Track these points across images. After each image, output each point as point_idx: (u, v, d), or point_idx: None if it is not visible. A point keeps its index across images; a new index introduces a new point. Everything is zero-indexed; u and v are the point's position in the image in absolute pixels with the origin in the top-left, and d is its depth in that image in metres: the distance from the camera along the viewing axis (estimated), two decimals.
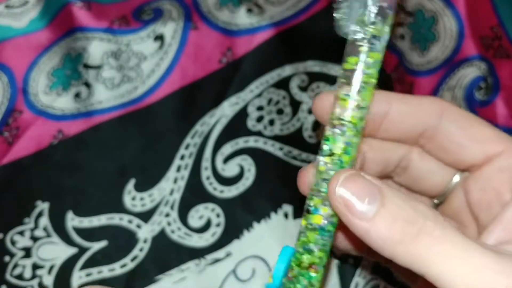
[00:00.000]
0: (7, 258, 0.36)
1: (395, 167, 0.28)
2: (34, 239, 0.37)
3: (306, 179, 0.27)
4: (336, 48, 0.44)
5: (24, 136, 0.39)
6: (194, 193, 0.39)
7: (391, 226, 0.22)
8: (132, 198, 0.39)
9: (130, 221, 0.38)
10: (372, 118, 0.26)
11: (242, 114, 0.41)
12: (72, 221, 0.38)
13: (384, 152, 0.28)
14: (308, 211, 0.24)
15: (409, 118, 0.26)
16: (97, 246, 0.37)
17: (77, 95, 0.41)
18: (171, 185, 0.39)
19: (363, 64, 0.23)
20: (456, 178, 0.28)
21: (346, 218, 0.22)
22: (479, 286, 0.21)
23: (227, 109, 0.42)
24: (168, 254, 0.37)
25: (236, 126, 0.41)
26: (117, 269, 0.36)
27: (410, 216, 0.22)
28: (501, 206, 0.25)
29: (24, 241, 0.37)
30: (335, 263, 0.36)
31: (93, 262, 0.36)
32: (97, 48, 0.41)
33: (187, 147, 0.40)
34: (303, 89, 0.43)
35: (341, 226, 0.24)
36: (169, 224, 0.38)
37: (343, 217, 0.22)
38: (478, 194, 0.26)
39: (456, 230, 0.22)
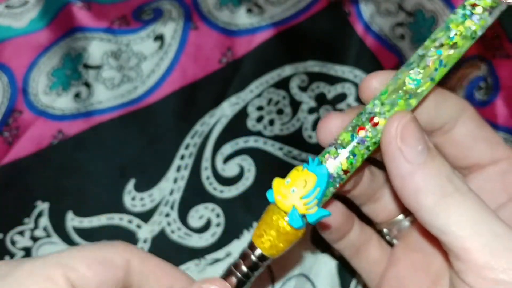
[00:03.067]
0: (7, 258, 0.36)
1: None
2: (34, 239, 0.37)
3: (332, 126, 0.26)
4: (336, 48, 0.44)
5: (24, 136, 0.39)
6: (194, 193, 0.39)
7: (433, 177, 0.22)
8: (132, 198, 0.39)
9: (130, 221, 0.38)
10: None
11: (242, 114, 0.41)
12: (72, 221, 0.38)
13: None
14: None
15: (436, 110, 0.27)
16: None
17: (77, 95, 0.41)
18: (171, 185, 0.39)
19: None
20: None
21: (393, 155, 0.23)
22: (496, 250, 0.21)
23: (227, 109, 0.42)
24: (168, 254, 0.37)
25: (236, 126, 0.41)
26: None
27: (450, 175, 0.23)
28: (496, 207, 0.26)
29: (24, 241, 0.37)
30: (335, 263, 0.36)
31: None
32: (97, 48, 0.41)
33: (187, 147, 0.40)
34: (303, 89, 0.43)
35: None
36: (169, 224, 0.38)
37: (389, 152, 0.23)
38: (478, 193, 0.26)
39: (485, 203, 0.23)
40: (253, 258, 0.24)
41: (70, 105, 0.40)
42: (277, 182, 0.24)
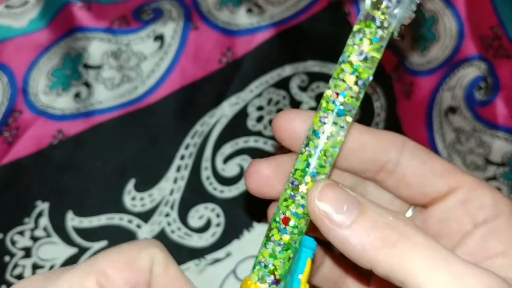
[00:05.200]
0: (7, 258, 0.36)
1: None
2: (34, 239, 0.37)
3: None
4: (336, 48, 0.44)
5: (24, 136, 0.39)
6: (194, 193, 0.39)
7: (371, 231, 0.21)
8: (132, 198, 0.39)
9: (130, 221, 0.38)
10: None
11: (242, 114, 0.41)
12: (72, 221, 0.38)
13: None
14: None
15: (370, 148, 0.26)
16: (97, 246, 0.37)
17: (77, 95, 0.41)
18: (171, 185, 0.39)
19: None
20: (409, 213, 0.27)
21: (325, 227, 0.22)
22: None
23: (227, 109, 0.42)
24: None
25: (236, 126, 0.41)
26: None
27: (390, 222, 0.22)
28: (462, 236, 0.25)
29: (24, 241, 0.37)
30: None
31: None
32: (97, 48, 0.41)
33: (187, 147, 0.40)
34: (303, 89, 0.43)
35: None
36: (169, 224, 0.38)
37: (321, 226, 0.22)
38: (437, 226, 0.26)
39: (436, 240, 0.22)
40: None
41: (70, 105, 0.40)
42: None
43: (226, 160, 0.40)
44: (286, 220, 0.23)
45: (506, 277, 0.21)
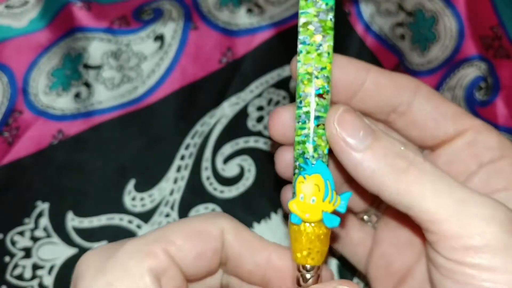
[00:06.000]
0: (7, 259, 0.36)
1: None
2: (34, 239, 0.37)
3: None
4: (336, 48, 0.44)
5: (24, 136, 0.39)
6: (194, 193, 0.39)
7: (383, 157, 0.23)
8: (132, 198, 0.39)
9: (130, 222, 0.38)
10: (349, 85, 0.26)
11: (242, 114, 0.41)
12: (72, 221, 0.38)
13: None
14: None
15: (386, 90, 0.27)
16: (97, 246, 0.37)
17: (77, 95, 0.41)
18: (171, 185, 0.39)
19: None
20: None
21: (340, 148, 0.23)
22: (462, 217, 0.21)
23: (227, 109, 0.42)
24: None
25: (236, 126, 0.41)
26: None
27: (401, 152, 0.23)
28: (468, 176, 0.26)
29: (24, 242, 0.37)
30: (335, 263, 0.36)
31: None
32: (97, 48, 0.41)
33: (187, 147, 0.40)
34: None
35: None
36: None
37: (336, 147, 0.23)
38: (444, 167, 0.27)
39: (444, 171, 0.23)
40: (310, 275, 0.25)
41: (70, 105, 0.40)
42: (294, 204, 0.24)
43: (226, 160, 0.40)
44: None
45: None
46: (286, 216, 0.38)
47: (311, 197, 0.24)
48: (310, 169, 0.24)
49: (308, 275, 0.25)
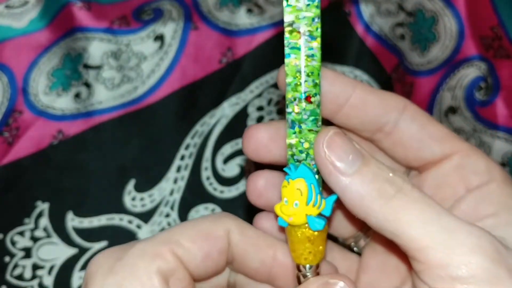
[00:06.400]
0: (7, 259, 0.36)
1: None
2: (34, 239, 0.37)
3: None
4: (336, 48, 0.44)
5: (24, 136, 0.39)
6: (194, 193, 0.39)
7: (371, 182, 0.22)
8: (132, 198, 0.39)
9: (130, 222, 0.38)
10: (335, 98, 0.26)
11: (242, 114, 0.41)
12: (72, 221, 0.38)
13: None
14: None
15: (372, 108, 0.26)
16: (97, 246, 0.37)
17: (77, 95, 0.41)
18: (171, 186, 0.39)
19: None
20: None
21: (328, 171, 0.23)
22: (449, 246, 0.21)
23: (227, 109, 0.42)
24: None
25: (236, 126, 0.41)
26: None
27: (390, 177, 0.23)
28: (455, 201, 0.26)
29: (24, 242, 0.37)
30: None
31: None
32: (97, 48, 0.41)
33: (187, 147, 0.40)
34: None
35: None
36: (169, 224, 0.38)
37: (324, 170, 0.23)
38: (431, 191, 0.26)
39: (432, 198, 0.23)
40: (308, 274, 0.25)
41: (70, 105, 0.40)
42: (278, 208, 0.24)
43: (226, 160, 0.40)
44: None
45: (496, 236, 0.22)
46: None
47: (294, 201, 0.24)
48: (293, 173, 0.24)
49: (306, 274, 0.25)
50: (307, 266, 0.25)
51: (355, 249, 0.30)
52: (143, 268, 0.22)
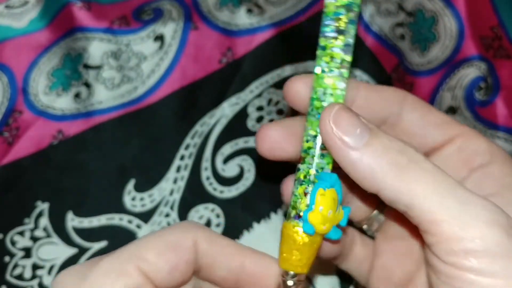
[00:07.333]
0: (7, 258, 0.36)
1: None
2: (34, 239, 0.37)
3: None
4: None
5: (24, 136, 0.39)
6: (194, 194, 0.39)
7: (382, 154, 0.22)
8: (132, 198, 0.39)
9: (130, 221, 0.38)
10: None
11: (242, 115, 0.41)
12: (72, 221, 0.38)
13: None
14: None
15: (375, 104, 0.27)
16: (97, 246, 0.37)
17: (77, 95, 0.41)
18: (171, 186, 0.39)
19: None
20: None
21: (337, 147, 0.22)
22: (463, 219, 0.21)
23: (227, 109, 0.42)
24: None
25: (236, 127, 0.41)
26: None
27: (401, 148, 0.22)
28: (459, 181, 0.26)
29: (24, 242, 0.37)
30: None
31: None
32: (97, 48, 0.41)
33: (187, 147, 0.40)
34: None
35: None
36: (169, 224, 0.38)
37: (333, 147, 0.23)
38: None
39: (444, 170, 0.22)
40: (293, 282, 0.25)
41: (70, 105, 0.40)
42: (312, 215, 0.24)
43: (226, 160, 0.40)
44: (300, 159, 0.25)
45: None
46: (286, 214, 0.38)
47: (329, 210, 0.23)
48: (327, 182, 0.24)
49: (290, 282, 0.25)
50: (293, 273, 0.25)
51: (368, 232, 0.30)
52: (109, 287, 0.22)
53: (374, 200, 0.30)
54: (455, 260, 0.21)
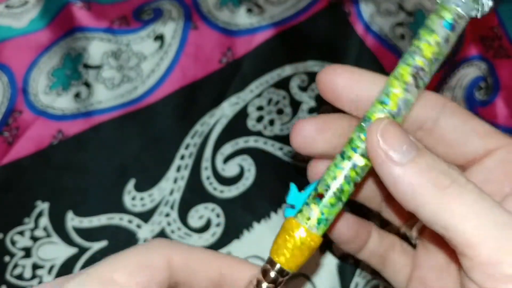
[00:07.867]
0: (7, 258, 0.36)
1: None
2: (34, 239, 0.37)
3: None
4: (336, 48, 0.44)
5: (24, 136, 0.39)
6: (194, 193, 0.39)
7: (425, 173, 0.22)
8: (132, 198, 0.39)
9: (130, 221, 0.38)
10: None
11: (242, 114, 0.41)
12: (72, 221, 0.38)
13: None
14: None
15: (413, 108, 0.26)
16: (97, 246, 0.37)
17: (77, 95, 0.41)
18: (171, 185, 0.39)
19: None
20: None
21: (380, 161, 0.22)
22: (502, 242, 0.20)
23: (227, 109, 0.42)
24: None
25: (236, 126, 0.41)
26: None
27: (444, 169, 0.22)
28: (501, 198, 0.25)
29: (24, 241, 0.37)
30: (335, 263, 0.36)
31: (93, 262, 0.36)
32: (97, 48, 0.41)
33: (187, 147, 0.40)
34: (303, 89, 0.43)
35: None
36: (169, 224, 0.38)
37: (377, 159, 0.22)
38: (481, 187, 0.26)
39: (486, 193, 0.22)
40: (273, 274, 0.25)
41: (70, 105, 0.40)
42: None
43: (226, 160, 0.40)
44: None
45: None
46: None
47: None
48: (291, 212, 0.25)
49: (273, 273, 0.25)
50: (278, 266, 0.25)
51: (410, 239, 0.30)
52: None
53: (406, 217, 0.30)
54: (492, 285, 0.20)
